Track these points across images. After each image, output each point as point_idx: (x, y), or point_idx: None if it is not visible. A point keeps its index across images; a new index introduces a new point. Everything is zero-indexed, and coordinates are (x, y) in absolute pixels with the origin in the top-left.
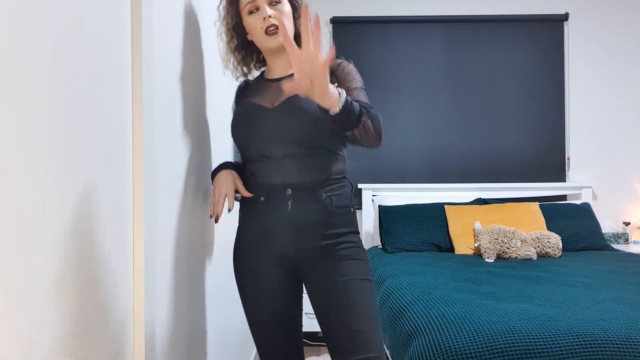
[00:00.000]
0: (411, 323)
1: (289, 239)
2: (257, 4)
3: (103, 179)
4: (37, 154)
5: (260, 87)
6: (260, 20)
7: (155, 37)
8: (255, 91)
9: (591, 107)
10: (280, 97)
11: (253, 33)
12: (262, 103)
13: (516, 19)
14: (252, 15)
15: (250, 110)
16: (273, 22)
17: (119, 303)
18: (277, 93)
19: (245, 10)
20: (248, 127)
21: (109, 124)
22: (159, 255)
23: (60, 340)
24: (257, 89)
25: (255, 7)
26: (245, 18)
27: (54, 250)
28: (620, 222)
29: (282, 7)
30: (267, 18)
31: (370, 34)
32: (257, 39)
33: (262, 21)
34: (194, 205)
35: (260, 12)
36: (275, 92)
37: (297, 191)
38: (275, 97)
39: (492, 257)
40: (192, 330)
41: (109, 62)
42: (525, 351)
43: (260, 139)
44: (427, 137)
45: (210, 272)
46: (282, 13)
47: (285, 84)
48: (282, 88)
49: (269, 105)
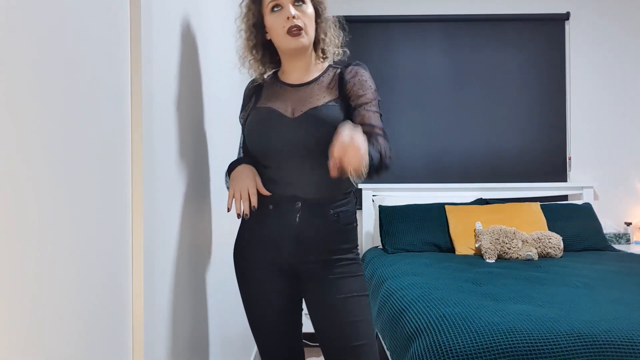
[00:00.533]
0: (412, 324)
1: (293, 250)
2: (280, 2)
3: (102, 179)
4: (36, 154)
5: (275, 90)
6: (282, 19)
7: (155, 37)
8: (271, 94)
9: (592, 106)
10: (301, 106)
11: (273, 32)
12: (281, 110)
13: (517, 19)
14: (275, 13)
15: (268, 116)
16: (297, 23)
17: (119, 303)
18: (298, 101)
19: (269, 7)
20: (265, 133)
21: (108, 124)
22: (159, 255)
23: (59, 340)
24: (273, 92)
25: (279, 5)
26: (267, 16)
27: (54, 250)
28: (622, 222)
29: (306, 8)
30: (291, 18)
31: (370, 34)
32: (277, 38)
33: (285, 20)
34: (194, 205)
35: (284, 11)
36: (296, 99)
37: (307, 205)
38: (295, 105)
39: (493, 257)
40: (193, 330)
41: (108, 62)
42: (526, 352)
43: (277, 148)
44: (428, 137)
45: (210, 272)
46: (305, 14)
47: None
48: (305, 97)
49: (289, 114)
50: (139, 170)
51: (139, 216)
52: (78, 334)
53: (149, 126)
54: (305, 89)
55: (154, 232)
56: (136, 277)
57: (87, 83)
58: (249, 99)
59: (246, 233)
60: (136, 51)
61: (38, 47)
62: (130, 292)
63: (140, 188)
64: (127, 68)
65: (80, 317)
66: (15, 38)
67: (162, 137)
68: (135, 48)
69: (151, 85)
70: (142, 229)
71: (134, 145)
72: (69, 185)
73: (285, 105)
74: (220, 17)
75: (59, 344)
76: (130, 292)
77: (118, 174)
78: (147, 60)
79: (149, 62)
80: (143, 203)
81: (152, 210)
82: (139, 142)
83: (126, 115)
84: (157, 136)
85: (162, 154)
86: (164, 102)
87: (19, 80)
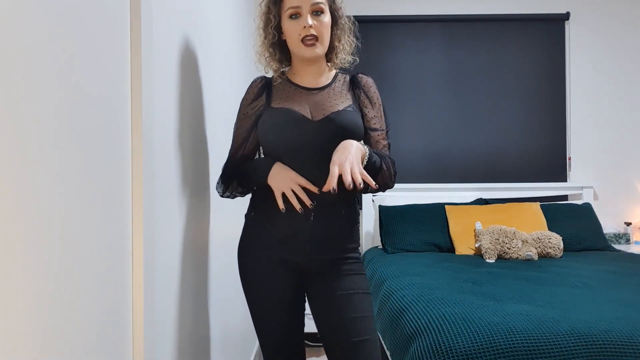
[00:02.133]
0: (412, 324)
1: (306, 250)
2: (300, 11)
3: (102, 179)
4: (36, 155)
5: (289, 92)
6: (299, 28)
7: (155, 37)
8: (284, 95)
9: (592, 106)
10: (321, 110)
11: (289, 37)
12: (301, 111)
13: (517, 19)
14: (293, 20)
15: (289, 118)
16: (313, 33)
17: (119, 303)
18: (315, 105)
19: (287, 13)
20: (286, 134)
21: (108, 125)
22: (159, 255)
23: (60, 340)
24: (286, 93)
25: (298, 13)
26: (285, 21)
27: (54, 250)
28: (622, 222)
29: (324, 17)
30: (308, 27)
31: (370, 34)
32: (292, 45)
33: (301, 29)
34: (194, 205)
35: (302, 19)
36: (312, 103)
37: (321, 206)
38: (313, 108)
39: (492, 257)
40: (193, 330)
41: (108, 63)
42: (526, 352)
43: (296, 148)
44: (428, 137)
45: (210, 272)
46: (322, 24)
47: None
48: (323, 101)
49: (309, 116)
50: (139, 170)
51: (139, 216)
52: (78, 333)
53: (149, 126)
54: (320, 93)
55: (154, 232)
56: (136, 277)
57: (87, 83)
58: (258, 95)
59: (255, 232)
60: (136, 51)
61: (38, 47)
62: (130, 292)
63: (140, 188)
64: (127, 68)
65: (80, 317)
66: (15, 38)
67: (162, 137)
68: (135, 48)
69: (151, 85)
70: (142, 229)
71: (134, 146)
72: (68, 185)
73: (304, 108)
74: (221, 16)
75: (59, 344)
76: (130, 292)
77: (118, 174)
78: (147, 60)
79: (149, 62)
80: (143, 203)
81: (152, 210)
82: (139, 142)
83: (126, 115)
84: (157, 136)
85: (162, 154)
86: (164, 102)
87: (19, 80)
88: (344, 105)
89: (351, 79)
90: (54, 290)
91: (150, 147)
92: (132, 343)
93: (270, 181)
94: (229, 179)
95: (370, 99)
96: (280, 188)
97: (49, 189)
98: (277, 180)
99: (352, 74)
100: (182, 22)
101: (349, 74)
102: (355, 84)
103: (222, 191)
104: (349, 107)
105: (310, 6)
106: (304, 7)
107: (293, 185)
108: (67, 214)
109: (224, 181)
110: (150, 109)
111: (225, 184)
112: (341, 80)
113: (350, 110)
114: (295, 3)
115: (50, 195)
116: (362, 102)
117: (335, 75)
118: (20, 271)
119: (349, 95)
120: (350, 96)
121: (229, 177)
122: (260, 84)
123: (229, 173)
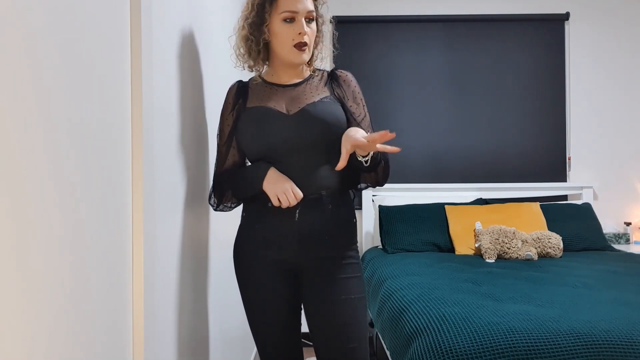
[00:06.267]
0: (412, 324)
1: (295, 247)
2: (296, 16)
3: (103, 179)
4: (36, 155)
5: (265, 91)
6: (293, 33)
7: (155, 37)
8: (260, 95)
9: (592, 106)
10: (297, 104)
11: (279, 41)
12: (276, 107)
13: (517, 19)
14: (287, 24)
15: (264, 115)
16: (307, 41)
17: (119, 303)
18: (291, 99)
19: (282, 16)
20: (262, 132)
21: (108, 125)
22: (159, 256)
23: (60, 340)
24: (263, 93)
25: (293, 18)
26: (277, 23)
27: (54, 251)
28: (622, 222)
29: (313, 25)
30: (303, 34)
31: (370, 34)
32: (282, 48)
33: (296, 35)
34: (194, 205)
35: (297, 25)
36: (289, 98)
37: (306, 201)
38: (289, 103)
39: (492, 257)
40: (193, 330)
41: (108, 64)
42: (526, 352)
43: (275, 145)
44: (427, 136)
45: (210, 272)
46: (312, 32)
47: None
48: (299, 95)
49: (284, 111)
50: (139, 171)
51: (139, 216)
52: (78, 333)
53: (149, 126)
54: (296, 88)
55: (154, 232)
56: (136, 277)
57: (87, 83)
58: (236, 102)
59: (246, 233)
60: (136, 51)
61: (38, 47)
62: (131, 292)
63: (140, 188)
64: (127, 68)
65: (80, 317)
66: (15, 38)
67: (162, 137)
68: (135, 48)
69: (151, 85)
70: (142, 229)
71: (134, 146)
72: (69, 185)
73: (279, 104)
74: (221, 15)
75: (59, 344)
76: (131, 292)
77: (118, 174)
78: (148, 60)
79: (149, 62)
80: (143, 203)
81: (152, 210)
82: (139, 143)
83: (126, 115)
84: (157, 136)
85: (162, 154)
86: (164, 102)
87: (19, 80)
88: (319, 97)
89: (330, 74)
90: (55, 291)
91: (151, 147)
92: (133, 343)
93: (266, 186)
94: (222, 190)
95: (352, 92)
96: (274, 192)
97: (49, 192)
98: (272, 186)
99: (331, 70)
100: (182, 18)
101: (325, 70)
102: (334, 78)
103: (216, 204)
104: (326, 99)
105: (306, 13)
106: (301, 13)
107: (285, 190)
108: (67, 216)
109: (217, 194)
110: (150, 109)
111: (218, 197)
112: (319, 75)
113: (327, 101)
114: (293, 8)
115: (50, 197)
116: (343, 96)
117: (313, 71)
118: (21, 273)
119: (325, 88)
120: (328, 89)
121: (221, 189)
122: (235, 89)
123: (221, 184)
